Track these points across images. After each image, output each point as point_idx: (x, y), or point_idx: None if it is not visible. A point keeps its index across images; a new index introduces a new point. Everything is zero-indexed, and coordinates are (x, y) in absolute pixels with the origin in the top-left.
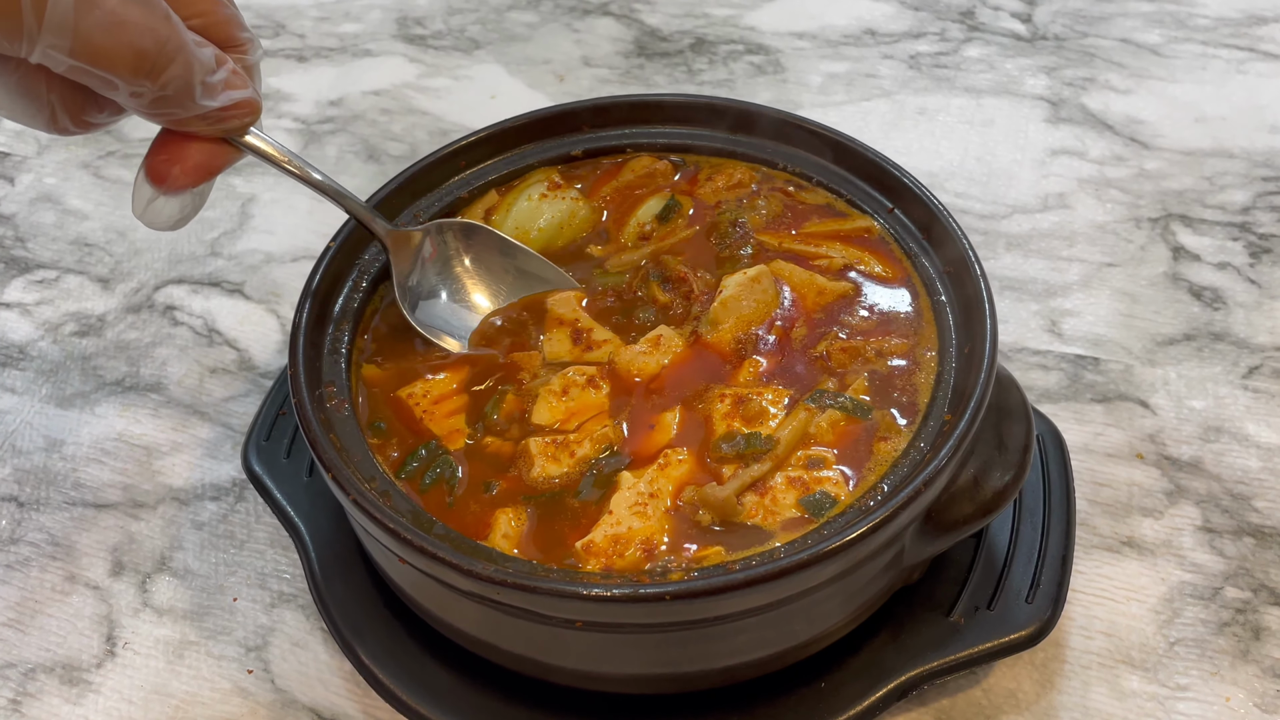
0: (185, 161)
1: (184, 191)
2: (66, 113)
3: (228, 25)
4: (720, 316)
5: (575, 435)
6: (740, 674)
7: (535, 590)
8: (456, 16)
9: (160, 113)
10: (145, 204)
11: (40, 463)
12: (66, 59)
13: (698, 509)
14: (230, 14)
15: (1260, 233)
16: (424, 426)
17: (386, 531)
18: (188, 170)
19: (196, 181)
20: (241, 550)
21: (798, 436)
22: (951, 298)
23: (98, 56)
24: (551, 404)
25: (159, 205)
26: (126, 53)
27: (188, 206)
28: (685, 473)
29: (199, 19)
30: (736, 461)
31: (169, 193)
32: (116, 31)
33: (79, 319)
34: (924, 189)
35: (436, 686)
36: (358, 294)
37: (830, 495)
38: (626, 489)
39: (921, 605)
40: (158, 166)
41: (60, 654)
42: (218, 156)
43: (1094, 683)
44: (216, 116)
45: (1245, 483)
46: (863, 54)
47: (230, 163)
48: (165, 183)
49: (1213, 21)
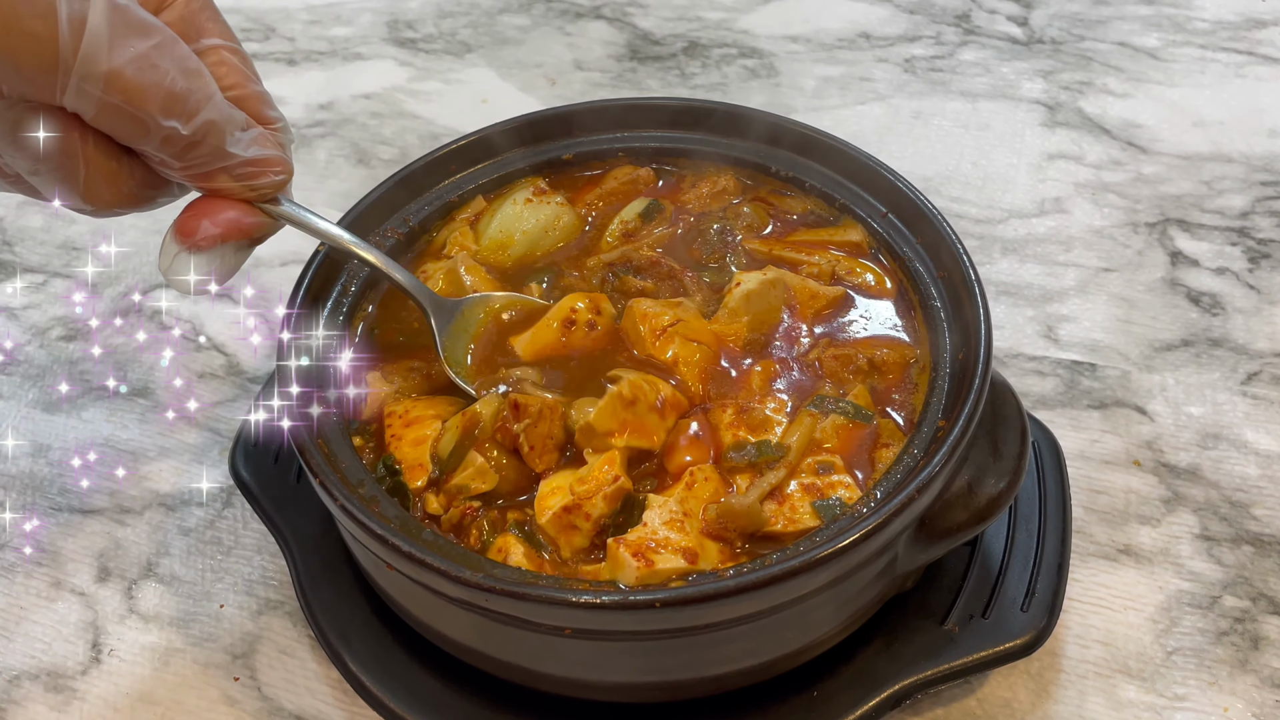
0: (214, 216)
1: (210, 250)
2: (100, 175)
3: (258, 102)
4: (740, 308)
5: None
6: (731, 682)
7: (524, 597)
8: (448, 20)
9: (190, 164)
10: (171, 259)
11: (26, 468)
12: (99, 94)
13: (724, 524)
14: (260, 91)
15: (1259, 238)
16: (389, 449)
17: (373, 538)
18: (216, 225)
19: (223, 239)
20: (228, 556)
21: (807, 442)
22: (945, 303)
23: (130, 93)
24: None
25: (183, 263)
26: (158, 92)
27: (215, 269)
28: (714, 491)
29: (229, 92)
30: (749, 471)
31: (194, 250)
32: (149, 71)
33: (66, 323)
34: (917, 193)
35: (424, 694)
36: (346, 298)
37: (843, 500)
38: (658, 508)
39: (915, 613)
40: (186, 221)
41: (45, 661)
42: (248, 217)
43: (1090, 692)
44: (246, 173)
45: (1244, 490)
46: (857, 57)
47: (262, 231)
48: (191, 237)
49: (1211, 25)
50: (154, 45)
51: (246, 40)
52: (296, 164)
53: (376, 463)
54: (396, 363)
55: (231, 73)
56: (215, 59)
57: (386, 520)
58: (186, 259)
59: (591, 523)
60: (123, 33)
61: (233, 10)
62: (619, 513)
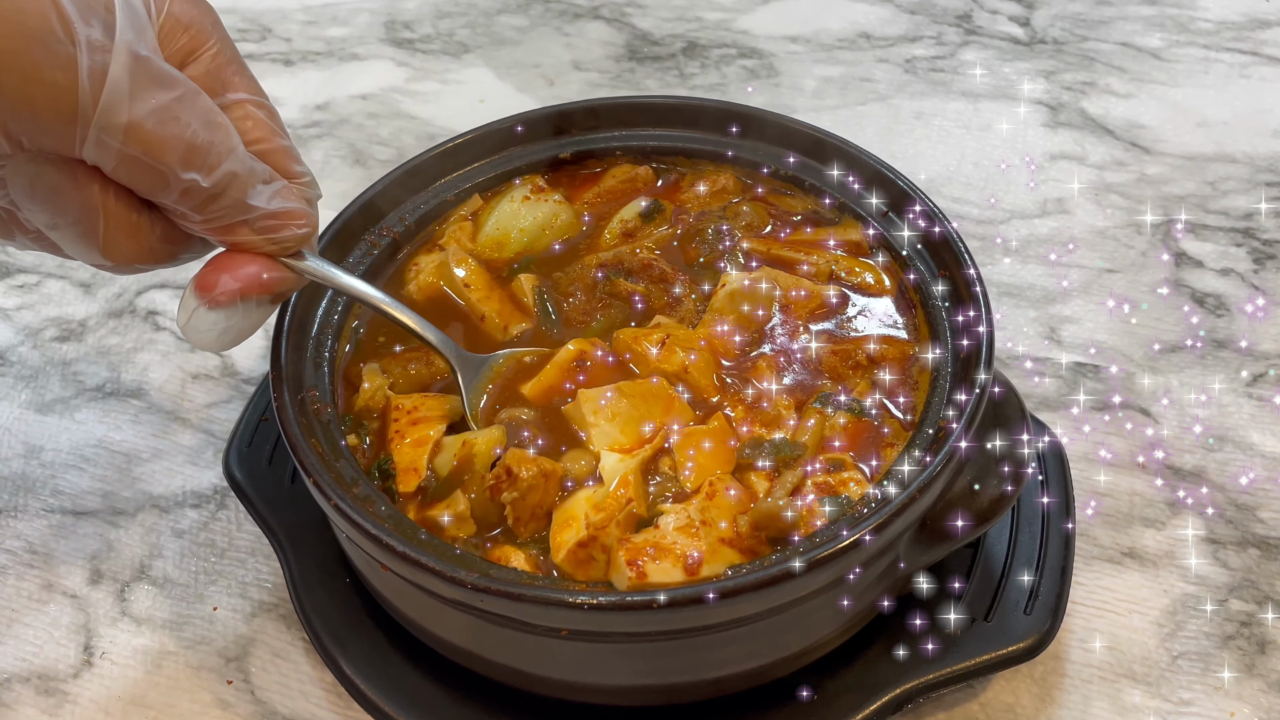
0: (234, 271)
1: (229, 306)
2: (120, 229)
3: (284, 156)
4: (725, 307)
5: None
6: (730, 686)
7: (520, 598)
8: (445, 20)
9: (211, 217)
10: (189, 315)
11: (19, 469)
12: (119, 146)
13: (757, 532)
14: (286, 146)
15: (1264, 238)
16: (389, 448)
17: (368, 538)
18: (236, 279)
19: (242, 295)
20: (222, 559)
21: (818, 439)
22: (947, 301)
23: (150, 145)
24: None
25: (201, 319)
26: (178, 144)
27: (234, 327)
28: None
29: (254, 146)
30: (765, 470)
31: (213, 306)
32: (170, 124)
33: (60, 324)
34: (918, 191)
35: (419, 697)
36: (341, 299)
37: (852, 499)
38: (674, 514)
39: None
40: (205, 276)
41: (36, 664)
42: (269, 271)
43: (1095, 697)
44: (268, 225)
45: (1250, 493)
46: (857, 58)
47: (284, 286)
48: (210, 292)
49: (1215, 25)
50: (176, 98)
51: (243, 41)
52: None
53: (372, 463)
54: (394, 358)
55: (257, 127)
56: (241, 113)
57: (381, 521)
58: (206, 314)
59: (609, 553)
60: (144, 84)
61: (229, 10)
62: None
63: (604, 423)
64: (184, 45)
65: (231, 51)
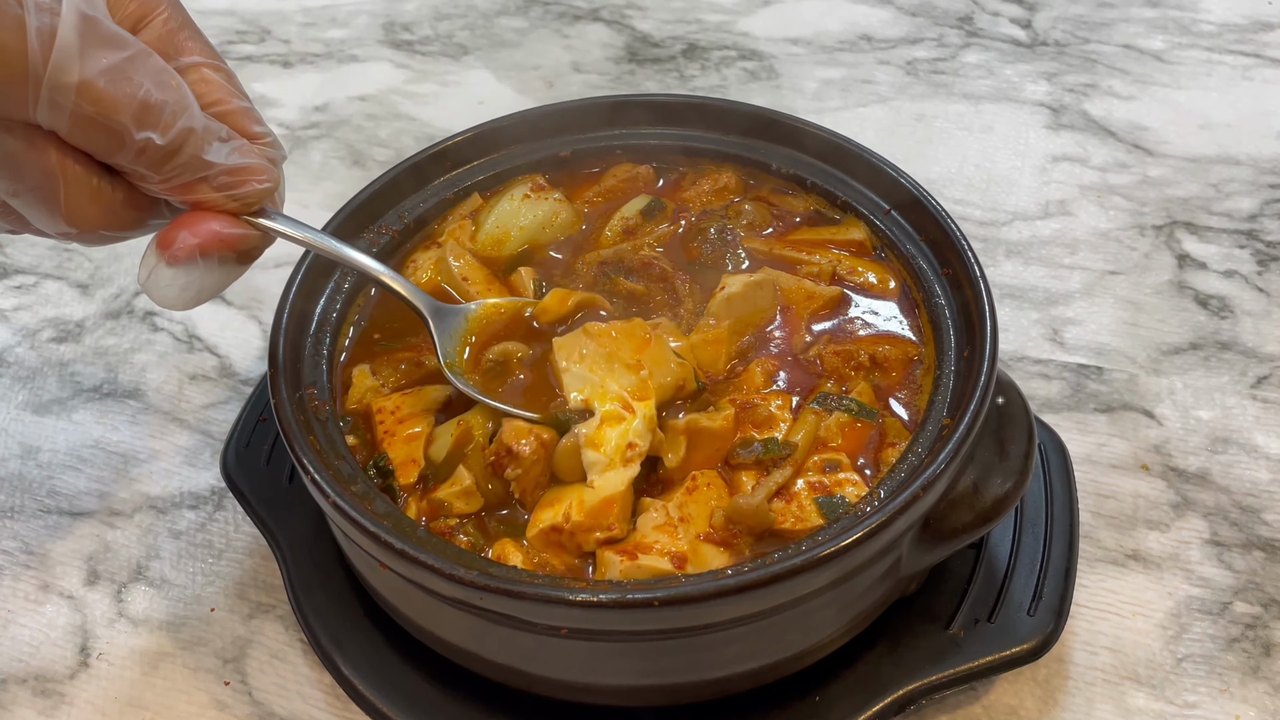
0: (193, 227)
1: (188, 264)
2: (82, 194)
3: (243, 117)
4: (722, 312)
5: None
6: (732, 686)
7: (520, 595)
8: (444, 22)
9: (169, 176)
10: (148, 271)
11: (15, 470)
12: (71, 105)
13: (732, 528)
14: (245, 107)
15: (1268, 240)
16: (382, 448)
17: (366, 535)
18: (195, 235)
19: (202, 251)
20: (219, 560)
21: (811, 439)
22: (950, 300)
23: (103, 104)
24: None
25: (161, 276)
26: (130, 103)
27: (195, 284)
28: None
29: (212, 108)
30: (755, 469)
31: (173, 262)
32: (122, 83)
33: (57, 325)
34: (921, 189)
35: (418, 698)
36: (339, 296)
37: (847, 499)
38: (652, 511)
39: (920, 617)
40: (165, 233)
41: (33, 665)
42: (229, 228)
43: (1099, 700)
44: (227, 182)
45: (1254, 495)
46: (859, 60)
47: (248, 244)
48: (169, 248)
49: (1218, 28)
50: (126, 57)
51: (241, 43)
52: (291, 166)
53: (368, 462)
54: (385, 357)
55: (214, 89)
56: (196, 76)
57: (379, 518)
58: (165, 271)
59: (580, 552)
60: (94, 44)
61: (228, 12)
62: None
63: (575, 366)
64: (133, 12)
65: (183, 17)
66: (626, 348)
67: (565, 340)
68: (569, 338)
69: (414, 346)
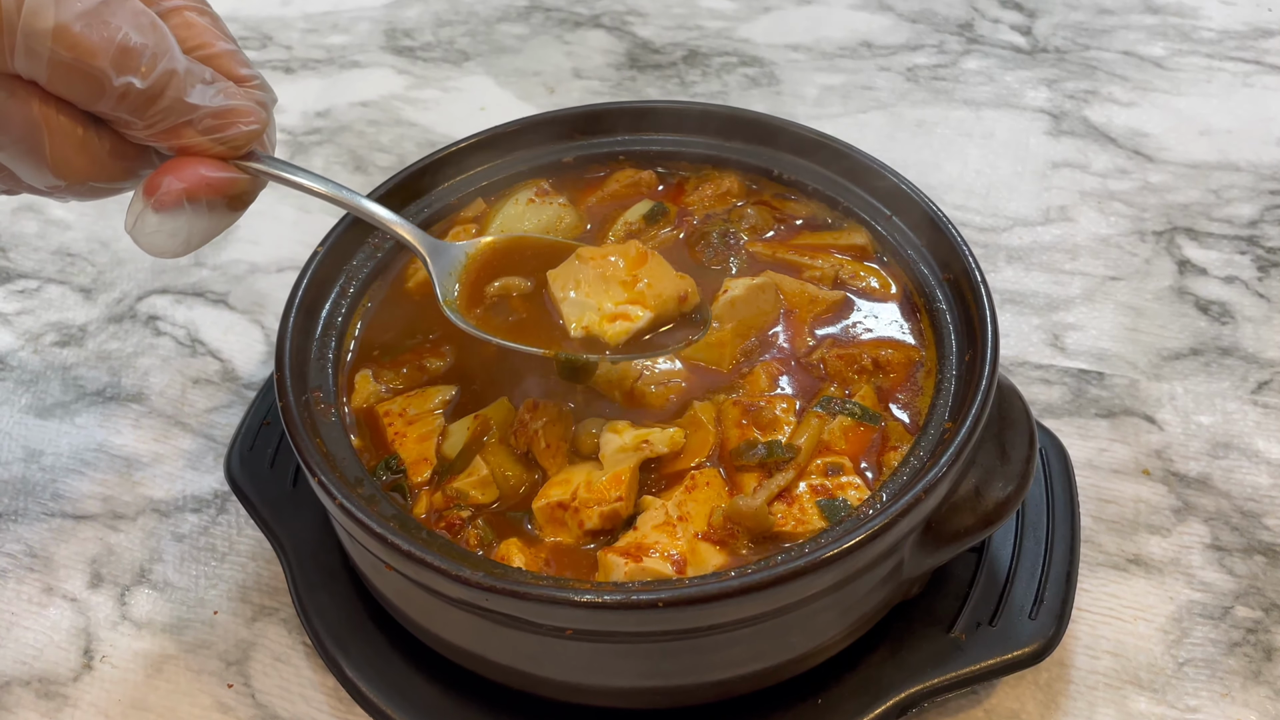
0: (179, 171)
1: (175, 209)
2: (66, 144)
3: (229, 60)
4: (726, 315)
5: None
6: (735, 688)
7: (525, 596)
8: (446, 28)
9: (152, 121)
10: (134, 219)
11: (19, 473)
12: (48, 52)
13: (731, 527)
14: (230, 49)
15: (1268, 246)
16: (394, 449)
17: (372, 536)
18: (181, 179)
19: (189, 196)
20: (223, 563)
21: (815, 442)
22: (951, 304)
23: (80, 50)
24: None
25: (148, 222)
26: (108, 47)
27: (183, 230)
28: (716, 494)
29: (197, 52)
30: (759, 471)
31: (159, 208)
32: (99, 27)
33: (60, 329)
34: (921, 194)
35: (422, 700)
36: (345, 299)
37: (849, 502)
38: (654, 509)
39: (922, 620)
40: (152, 178)
41: (37, 667)
42: (215, 172)
43: (1100, 704)
44: (212, 125)
45: (1255, 500)
46: (859, 66)
47: (237, 189)
48: (155, 194)
49: (1217, 34)
50: (102, 1)
51: (243, 49)
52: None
53: (376, 464)
54: (388, 362)
55: (199, 32)
56: (179, 20)
57: (386, 520)
58: (152, 217)
59: (581, 530)
60: None
61: (230, 18)
62: (612, 530)
63: (572, 293)
64: None
65: None
66: (622, 267)
67: (559, 270)
68: (562, 267)
69: (416, 350)
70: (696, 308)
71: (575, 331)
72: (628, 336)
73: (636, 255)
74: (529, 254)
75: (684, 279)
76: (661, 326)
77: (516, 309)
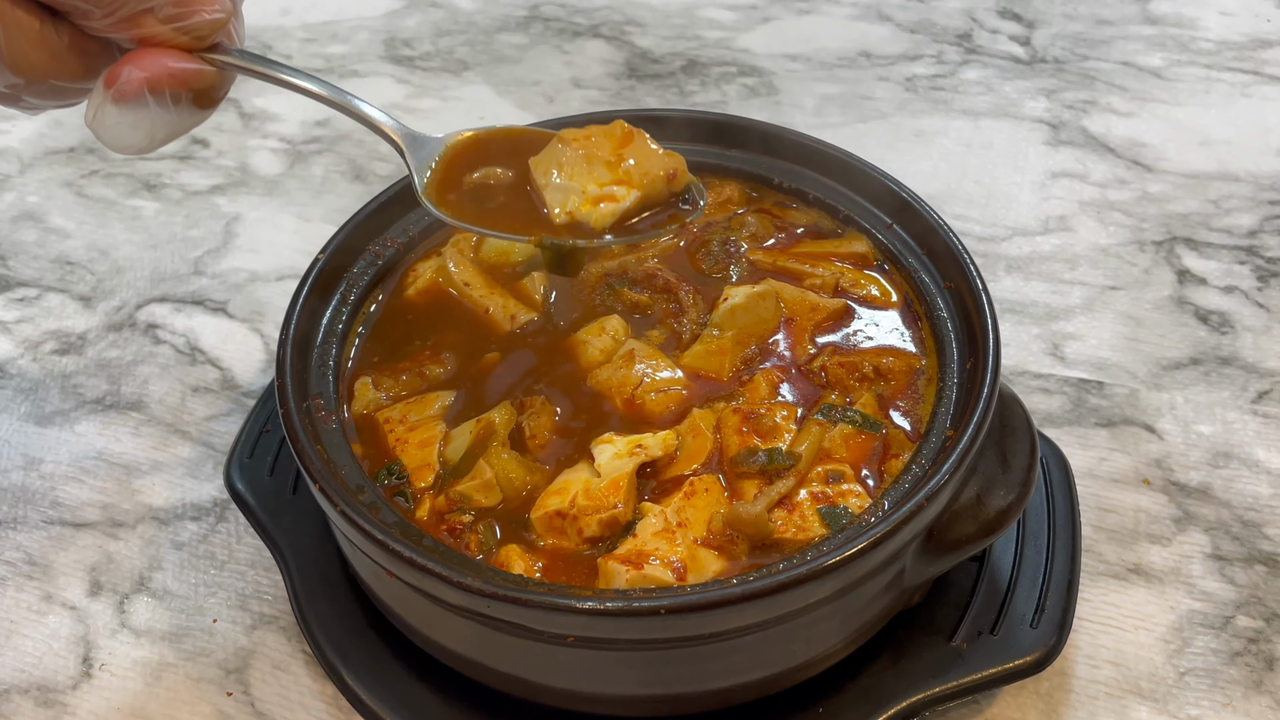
0: (140, 62)
1: (136, 102)
2: (24, 38)
3: None
4: (726, 323)
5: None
6: (736, 696)
7: (526, 603)
8: (445, 38)
9: (109, 8)
10: (94, 111)
11: (18, 481)
12: None
13: (730, 533)
14: None
15: (1268, 256)
16: (395, 455)
17: (374, 543)
18: (141, 68)
19: (151, 88)
20: (222, 571)
21: (815, 450)
22: (952, 313)
23: None
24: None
25: (108, 114)
26: None
27: (144, 125)
28: (714, 500)
29: None
30: (759, 478)
31: (119, 100)
32: None
33: (59, 337)
34: (922, 203)
35: (422, 708)
36: (346, 307)
37: (850, 509)
38: (652, 516)
39: (923, 629)
40: (113, 69)
41: (35, 675)
42: (178, 63)
43: (1101, 713)
44: (174, 14)
45: (1256, 509)
46: (858, 76)
47: (202, 82)
48: (114, 85)
49: (1216, 45)
50: None
51: None
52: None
53: (377, 470)
54: (388, 369)
55: None
56: None
57: (388, 527)
58: (112, 110)
59: (580, 538)
60: None
61: None
62: (611, 536)
63: (555, 177)
64: None
65: None
66: (606, 146)
67: (541, 156)
68: (544, 152)
69: (415, 357)
70: (687, 187)
71: (560, 217)
72: (615, 219)
73: (622, 135)
74: (511, 145)
75: (672, 156)
76: (650, 208)
77: (497, 198)
